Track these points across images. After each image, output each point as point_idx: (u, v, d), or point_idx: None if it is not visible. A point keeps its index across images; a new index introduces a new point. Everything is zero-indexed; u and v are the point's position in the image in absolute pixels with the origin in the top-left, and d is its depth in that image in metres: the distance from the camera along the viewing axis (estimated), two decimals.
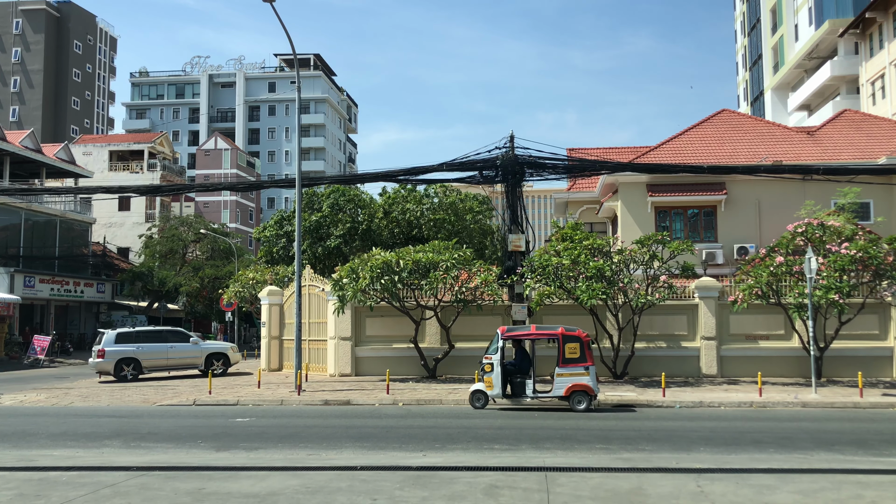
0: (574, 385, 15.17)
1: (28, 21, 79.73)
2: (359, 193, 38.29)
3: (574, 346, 15.30)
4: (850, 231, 19.98)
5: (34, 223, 42.54)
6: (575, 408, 15.17)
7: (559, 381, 15.26)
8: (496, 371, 15.47)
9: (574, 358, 15.27)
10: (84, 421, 15.00)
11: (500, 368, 15.47)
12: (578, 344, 15.33)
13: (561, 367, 15.28)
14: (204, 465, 9.50)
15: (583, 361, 15.26)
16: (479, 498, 7.35)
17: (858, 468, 8.93)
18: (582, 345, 15.35)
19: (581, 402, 15.18)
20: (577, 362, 15.25)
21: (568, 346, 15.31)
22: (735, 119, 31.59)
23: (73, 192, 38.51)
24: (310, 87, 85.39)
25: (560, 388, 15.26)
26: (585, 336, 15.64)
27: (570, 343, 15.32)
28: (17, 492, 7.84)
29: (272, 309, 27.53)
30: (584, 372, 15.21)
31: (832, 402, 15.97)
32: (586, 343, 15.50)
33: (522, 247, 20.83)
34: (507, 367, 15.77)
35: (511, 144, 20.77)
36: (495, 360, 15.51)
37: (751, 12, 59.49)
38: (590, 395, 15.21)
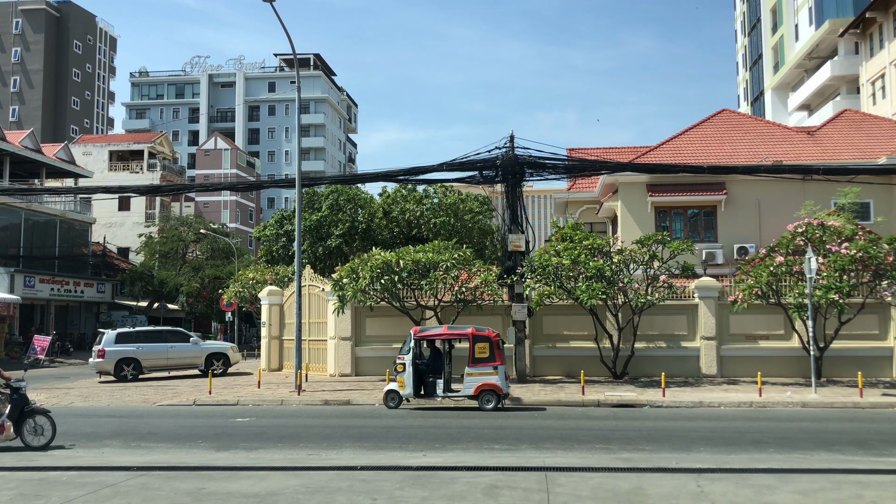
0: (483, 384, 15.43)
1: (28, 21, 79.72)
2: (359, 193, 38.29)
3: (483, 345, 15.53)
4: (850, 231, 19.98)
5: (34, 223, 42.54)
6: (483, 407, 15.42)
7: (469, 381, 15.53)
8: (408, 371, 15.75)
9: (484, 357, 15.50)
10: (84, 421, 15.00)
11: (411, 368, 15.77)
12: (488, 344, 15.55)
13: (471, 367, 15.54)
14: (204, 465, 9.50)
15: (492, 361, 15.49)
16: (479, 498, 7.35)
17: (858, 468, 8.93)
18: (491, 344, 15.58)
19: (489, 402, 15.42)
20: (486, 362, 15.49)
21: (478, 345, 15.55)
22: (735, 119, 31.59)
23: (73, 192, 38.50)
24: (310, 87, 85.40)
25: (470, 388, 15.52)
26: (495, 336, 15.87)
27: (480, 343, 15.55)
28: (17, 492, 7.84)
29: (272, 309, 27.54)
30: (493, 371, 15.46)
31: (832, 402, 15.98)
32: (496, 343, 15.71)
33: (522, 247, 20.83)
34: (420, 367, 16.02)
35: (511, 144, 20.77)
36: (407, 360, 15.80)
37: (751, 12, 59.49)
38: (498, 394, 15.45)
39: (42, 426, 11.24)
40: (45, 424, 11.26)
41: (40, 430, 11.22)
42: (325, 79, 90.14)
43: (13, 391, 11.12)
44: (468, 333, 15.74)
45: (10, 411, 11.07)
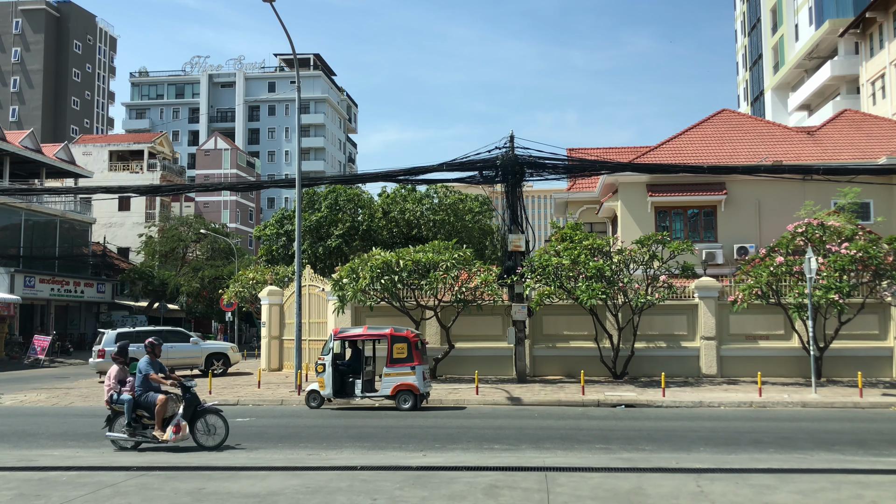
0: (400, 384, 15.59)
1: (28, 21, 79.70)
2: (359, 193, 38.29)
3: (402, 346, 15.70)
4: (850, 231, 19.98)
5: (34, 223, 42.53)
6: (400, 407, 15.58)
7: (386, 381, 15.69)
8: (328, 371, 15.91)
9: (402, 358, 15.66)
10: (84, 421, 14.99)
11: (331, 369, 15.93)
12: (406, 344, 15.72)
13: (389, 367, 15.70)
14: (204, 465, 9.50)
15: (410, 361, 15.63)
16: (479, 498, 7.34)
17: (858, 468, 8.93)
18: (409, 345, 15.72)
19: (407, 401, 15.58)
20: (404, 362, 15.64)
21: (396, 346, 15.72)
22: (735, 119, 31.58)
23: (73, 192, 38.49)
24: (310, 87, 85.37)
25: (387, 388, 15.68)
26: (414, 337, 16.01)
27: (398, 343, 15.72)
28: (17, 492, 7.84)
29: (272, 309, 27.53)
30: (410, 371, 15.60)
31: (832, 402, 15.97)
32: (414, 343, 15.85)
33: (522, 247, 20.82)
34: (340, 368, 16.16)
35: (511, 144, 20.76)
36: (327, 360, 15.96)
37: (751, 12, 59.48)
38: (415, 394, 15.58)
39: (214, 426, 11.05)
40: (218, 423, 11.07)
41: (212, 429, 11.03)
42: (325, 79, 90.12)
43: (185, 390, 10.93)
44: (387, 334, 15.96)
45: (184, 410, 10.89)
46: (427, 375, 16.21)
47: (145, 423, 11.10)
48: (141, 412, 11.09)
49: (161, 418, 10.94)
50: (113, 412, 11.38)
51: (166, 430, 10.84)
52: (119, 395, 11.25)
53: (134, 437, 11.09)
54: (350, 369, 16.30)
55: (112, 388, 11.36)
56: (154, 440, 10.93)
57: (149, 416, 11.09)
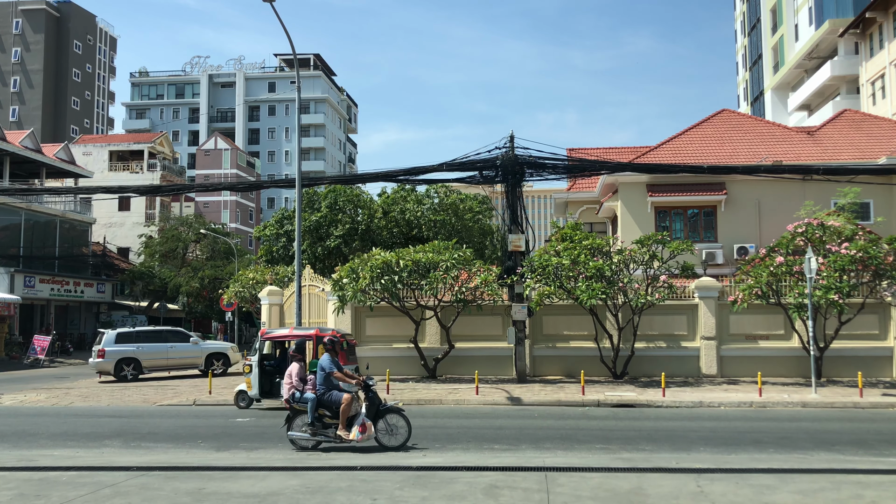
0: None
1: (28, 21, 79.70)
2: (358, 193, 38.29)
3: None
4: (850, 231, 19.97)
5: (34, 223, 42.54)
6: None
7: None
8: (254, 372, 15.98)
9: None
10: (84, 421, 15.00)
11: (258, 370, 15.99)
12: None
13: None
14: (204, 465, 9.50)
15: None
16: (479, 498, 7.34)
17: (858, 468, 8.93)
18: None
19: None
20: None
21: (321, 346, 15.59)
22: (735, 119, 31.58)
23: (73, 192, 38.48)
24: (310, 87, 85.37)
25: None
26: (341, 337, 15.92)
27: None
28: (17, 492, 7.84)
29: (272, 309, 27.51)
30: None
31: (832, 402, 15.97)
32: (339, 344, 15.70)
33: (522, 247, 20.82)
34: (268, 369, 16.21)
35: (511, 144, 20.76)
36: (254, 361, 16.02)
37: (751, 12, 59.48)
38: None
39: (396, 425, 10.82)
40: (400, 423, 10.84)
41: (394, 429, 10.80)
42: (325, 79, 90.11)
43: (367, 389, 10.72)
44: (312, 335, 16.04)
45: (367, 410, 10.67)
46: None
47: (326, 423, 10.81)
48: (322, 411, 10.81)
49: (346, 417, 10.66)
50: (293, 411, 11.06)
51: (351, 429, 10.56)
52: (303, 394, 10.98)
53: (316, 436, 10.84)
54: (277, 370, 16.36)
55: (294, 387, 11.06)
56: (337, 440, 10.69)
57: (330, 416, 10.80)
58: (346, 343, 16.39)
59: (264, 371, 16.15)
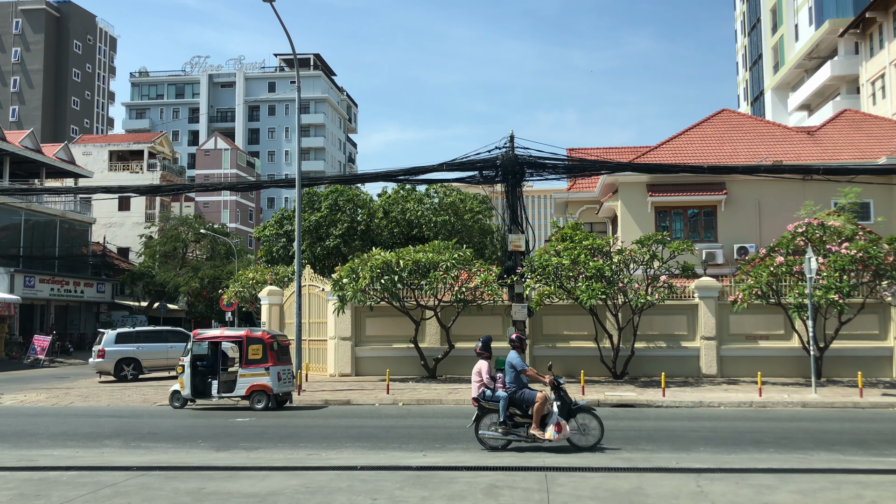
0: (254, 385, 15.96)
1: (28, 21, 79.70)
2: (358, 193, 38.29)
3: (257, 347, 16.01)
4: (850, 231, 19.97)
5: (34, 223, 42.53)
6: (254, 406, 15.92)
7: (241, 381, 16.04)
8: (186, 373, 16.28)
9: (257, 359, 15.97)
10: (84, 421, 15.00)
11: (189, 370, 16.27)
12: (261, 346, 16.02)
13: (244, 368, 16.04)
14: (204, 465, 9.50)
15: (265, 362, 15.95)
16: (479, 498, 7.35)
17: (858, 468, 8.93)
18: (264, 346, 16.02)
19: (260, 402, 15.94)
20: (259, 363, 15.96)
21: (251, 347, 16.03)
22: (735, 119, 31.58)
23: (73, 192, 38.50)
24: (310, 87, 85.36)
25: (242, 388, 16.02)
26: (269, 338, 16.27)
27: (253, 345, 16.04)
28: (17, 492, 7.84)
29: (272, 309, 27.51)
30: (264, 372, 15.94)
31: (832, 402, 15.97)
32: (269, 345, 16.11)
33: (522, 247, 20.82)
34: (200, 369, 16.44)
35: (511, 144, 20.76)
36: (186, 362, 16.31)
37: (751, 12, 59.48)
38: (268, 394, 15.90)
39: (587, 425, 10.58)
40: (592, 423, 10.59)
41: (585, 429, 10.56)
42: (325, 79, 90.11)
43: (558, 387, 10.55)
44: (242, 336, 16.29)
45: (560, 409, 10.48)
46: (284, 376, 16.42)
47: (516, 422, 10.61)
48: (513, 410, 10.62)
49: (539, 416, 10.43)
50: (481, 409, 10.78)
51: (546, 429, 10.36)
52: (494, 392, 10.72)
53: (507, 436, 10.59)
54: (209, 370, 16.58)
55: (486, 385, 10.81)
56: (529, 439, 10.46)
57: (520, 414, 10.61)
58: (278, 343, 16.61)
59: (197, 371, 16.47)
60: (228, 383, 16.36)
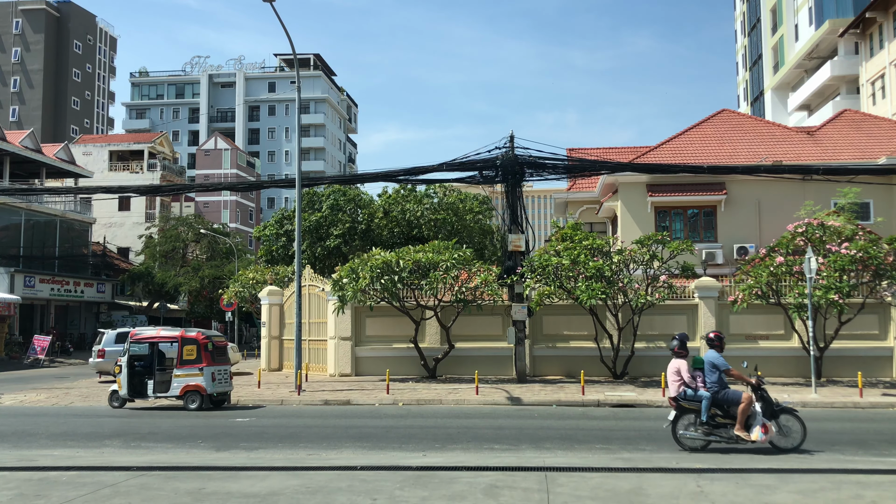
0: (188, 385, 16.16)
1: (28, 21, 79.70)
2: (359, 193, 38.30)
3: (191, 348, 16.20)
4: (850, 231, 19.98)
5: (34, 223, 42.53)
6: (187, 407, 16.11)
7: (176, 382, 16.26)
8: (124, 373, 16.48)
9: (191, 360, 16.17)
10: (84, 421, 15.01)
11: (126, 370, 16.46)
12: (195, 346, 16.21)
13: (178, 369, 16.25)
14: (204, 465, 9.50)
15: (199, 363, 16.14)
16: (479, 498, 7.34)
17: (858, 468, 8.93)
18: (199, 347, 16.21)
19: (194, 402, 16.13)
20: (193, 363, 16.15)
21: (186, 348, 16.23)
22: (735, 119, 31.58)
23: (73, 192, 38.51)
24: (310, 87, 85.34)
25: (177, 388, 16.23)
26: (204, 339, 16.43)
27: (188, 346, 16.24)
28: (17, 492, 7.84)
29: (272, 309, 27.53)
30: (198, 373, 16.13)
31: (832, 402, 15.97)
32: (203, 345, 16.27)
33: (522, 247, 20.82)
34: (138, 369, 16.63)
35: (511, 144, 20.76)
36: (123, 362, 16.50)
37: (751, 12, 59.48)
38: (202, 394, 16.09)
39: (789, 427, 10.34)
40: (794, 425, 10.34)
41: (787, 430, 10.32)
42: (325, 79, 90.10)
43: (758, 387, 10.41)
44: (177, 336, 16.51)
45: (764, 409, 10.26)
46: (219, 376, 16.54)
47: (717, 423, 10.43)
48: (714, 410, 10.45)
49: (744, 417, 10.20)
50: (680, 409, 10.55)
51: (751, 430, 10.15)
52: (696, 392, 10.47)
53: (708, 436, 10.38)
54: (148, 370, 16.72)
55: (686, 384, 10.60)
56: (732, 440, 10.24)
57: (721, 415, 10.45)
58: (213, 344, 16.73)
59: (134, 371, 16.63)
60: (164, 383, 16.58)
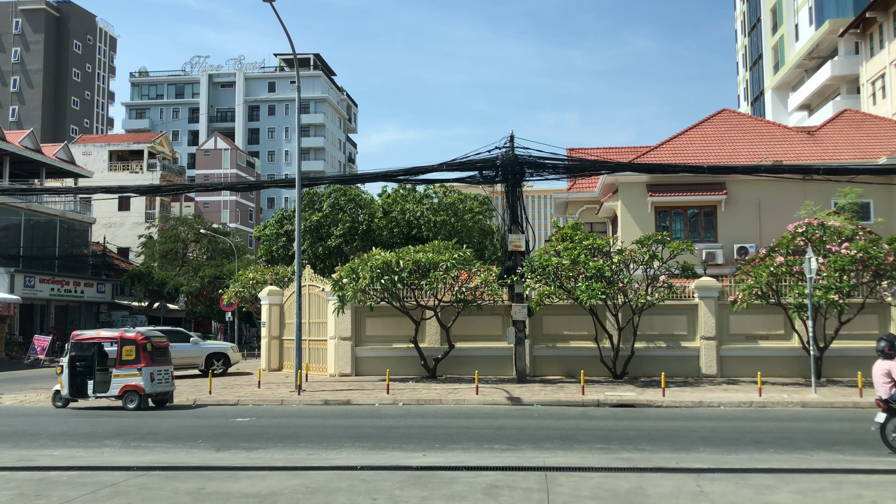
0: (127, 385, 16.41)
1: (28, 21, 79.69)
2: (359, 193, 38.31)
3: (130, 348, 16.44)
4: (850, 231, 19.98)
5: (34, 223, 42.53)
6: (126, 406, 16.34)
7: (115, 382, 16.50)
8: (65, 373, 16.77)
9: (130, 360, 16.41)
10: (84, 421, 15.02)
11: (68, 370, 16.74)
12: (134, 347, 16.44)
13: (118, 369, 16.51)
14: (204, 465, 9.50)
15: (137, 363, 16.38)
16: (479, 498, 7.35)
17: (858, 468, 8.93)
18: (138, 348, 16.44)
19: (132, 401, 16.42)
20: (132, 364, 16.39)
21: (125, 348, 16.48)
22: (735, 119, 31.58)
23: (73, 192, 38.51)
24: (310, 87, 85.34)
25: (116, 388, 16.48)
26: (143, 340, 16.63)
27: (127, 346, 16.49)
28: (17, 492, 7.84)
29: (272, 309, 27.53)
30: (137, 373, 16.39)
31: (832, 402, 15.97)
32: (142, 346, 16.49)
33: (522, 247, 20.82)
34: (79, 369, 16.89)
35: (511, 144, 20.76)
36: (65, 362, 16.78)
37: (751, 12, 59.49)
38: (140, 394, 16.32)
39: None
40: None
41: None
42: (325, 79, 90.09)
43: None
44: (117, 337, 16.76)
45: None
46: (159, 376, 16.72)
47: None
48: None
49: None
50: (890, 412, 10.48)
51: None
52: None
53: None
54: (89, 371, 16.94)
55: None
56: None
57: None
58: (152, 344, 16.86)
59: (76, 372, 16.86)
60: (104, 383, 16.75)
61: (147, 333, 17.24)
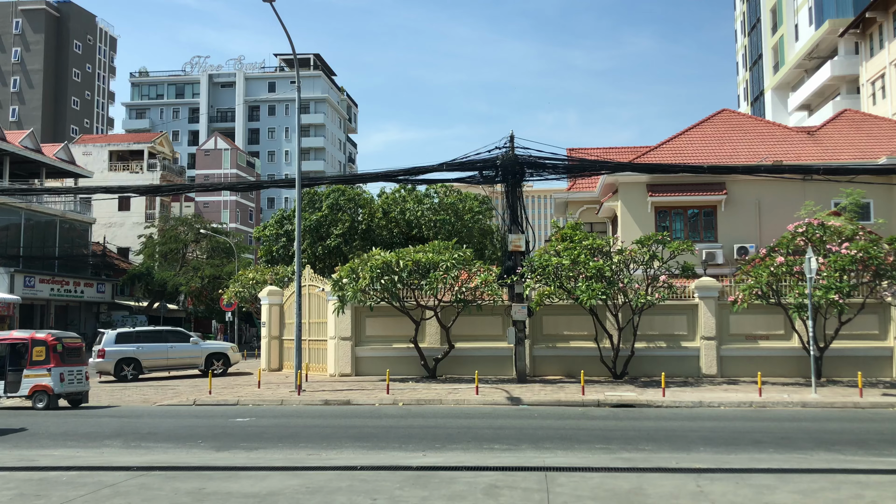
0: (36, 385, 16.71)
1: (28, 21, 79.70)
2: (359, 193, 38.32)
3: (40, 349, 16.70)
4: (850, 231, 19.98)
5: (34, 223, 42.52)
6: (35, 406, 16.64)
7: (25, 382, 16.78)
8: None
9: (40, 360, 16.68)
10: (84, 421, 15.01)
11: None
12: (44, 348, 16.71)
13: (28, 369, 16.77)
14: (204, 465, 9.50)
15: (47, 364, 16.66)
16: (479, 498, 7.35)
17: (858, 468, 8.93)
18: (48, 348, 16.71)
19: (41, 401, 16.72)
20: (42, 364, 16.66)
21: (35, 349, 16.74)
22: (735, 119, 31.59)
23: (73, 192, 38.47)
24: (310, 87, 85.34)
25: (25, 388, 16.78)
26: (53, 341, 16.89)
27: (37, 347, 16.76)
28: (17, 492, 7.85)
29: (272, 309, 27.53)
30: (46, 373, 16.68)
31: (832, 402, 15.97)
32: (52, 346, 16.76)
33: (522, 247, 20.82)
34: None
35: (511, 144, 20.76)
36: None
37: (751, 12, 59.49)
38: (49, 394, 16.60)
39: None
40: None
41: None
42: (325, 79, 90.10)
43: None
44: (27, 338, 17.00)
45: None
46: (68, 377, 16.94)
47: None
48: None
49: None
50: None
51: None
52: None
53: None
54: (0, 371, 17.09)
55: None
56: None
57: None
58: (63, 345, 17.04)
59: None
60: (16, 383, 16.94)
61: (59, 335, 17.49)
